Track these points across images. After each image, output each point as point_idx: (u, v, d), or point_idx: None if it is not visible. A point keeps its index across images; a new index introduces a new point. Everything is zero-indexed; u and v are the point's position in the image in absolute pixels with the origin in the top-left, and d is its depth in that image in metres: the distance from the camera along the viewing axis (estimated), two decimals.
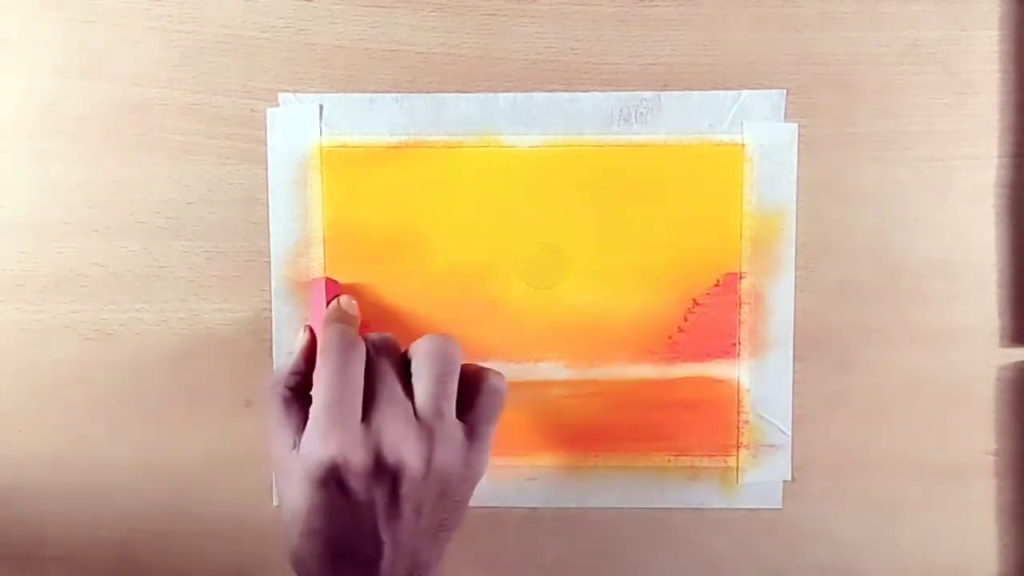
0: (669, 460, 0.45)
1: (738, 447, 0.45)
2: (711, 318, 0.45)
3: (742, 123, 0.44)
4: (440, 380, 0.37)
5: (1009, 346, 0.45)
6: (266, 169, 0.45)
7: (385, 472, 0.35)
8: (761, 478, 0.45)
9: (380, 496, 0.35)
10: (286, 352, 0.45)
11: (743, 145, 0.44)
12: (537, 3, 0.44)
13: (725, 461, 0.45)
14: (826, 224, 0.44)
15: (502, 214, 0.45)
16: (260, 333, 0.45)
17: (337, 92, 0.44)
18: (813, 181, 0.44)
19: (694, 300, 0.45)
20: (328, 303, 0.42)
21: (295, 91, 0.44)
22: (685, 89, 0.44)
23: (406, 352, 0.39)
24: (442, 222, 0.45)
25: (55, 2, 0.44)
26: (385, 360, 0.37)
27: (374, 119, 0.44)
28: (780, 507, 0.45)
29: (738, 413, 0.45)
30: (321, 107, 0.44)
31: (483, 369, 0.39)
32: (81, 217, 0.45)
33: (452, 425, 0.37)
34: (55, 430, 0.46)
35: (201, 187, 0.45)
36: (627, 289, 0.45)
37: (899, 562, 0.46)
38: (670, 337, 0.45)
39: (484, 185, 0.45)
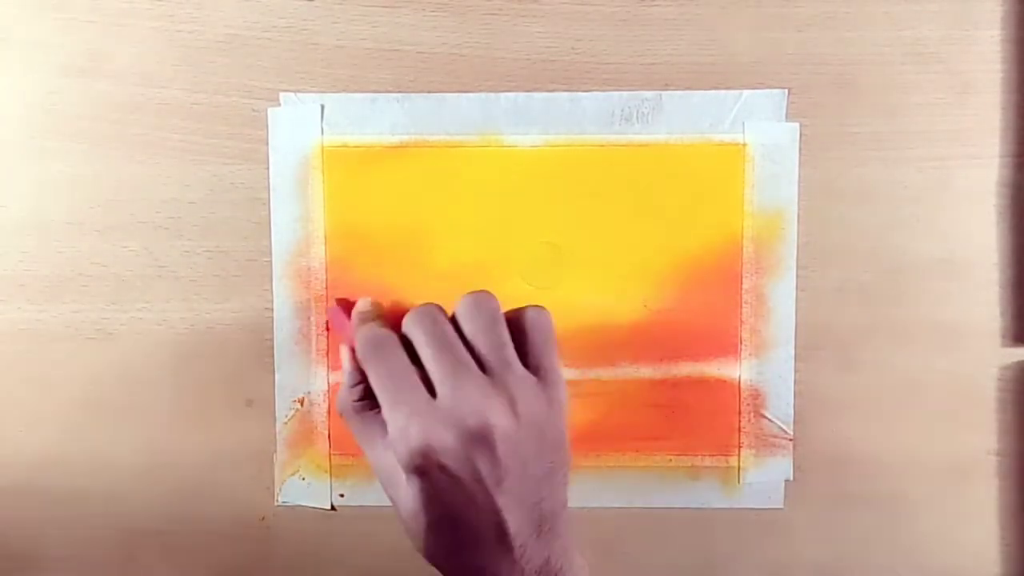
0: (670, 460, 0.45)
1: (739, 447, 0.45)
2: (712, 318, 0.45)
3: (743, 123, 0.44)
4: (492, 330, 0.36)
5: (1010, 346, 0.45)
6: (267, 169, 0.45)
7: (476, 439, 0.34)
8: (762, 478, 0.45)
9: (482, 464, 0.34)
10: (286, 354, 0.45)
11: (744, 145, 0.44)
12: (538, 3, 0.44)
13: (726, 461, 0.45)
14: (827, 224, 0.45)
15: (503, 214, 0.45)
16: (261, 333, 0.45)
17: (338, 92, 0.44)
18: (814, 181, 0.44)
19: (695, 300, 0.45)
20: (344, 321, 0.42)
21: (296, 91, 0.44)
22: (686, 89, 0.44)
23: (453, 317, 0.38)
24: (443, 221, 0.45)
25: (55, 2, 0.44)
26: (440, 326, 0.36)
27: (375, 119, 0.44)
28: (782, 507, 0.45)
29: (739, 413, 0.45)
30: (322, 107, 0.44)
31: (518, 309, 0.37)
32: (82, 217, 0.45)
33: (520, 371, 0.36)
34: (55, 430, 0.46)
35: (202, 187, 0.45)
36: (627, 289, 0.45)
37: (899, 562, 0.46)
38: (671, 337, 0.45)
39: (485, 185, 0.45)
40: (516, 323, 0.37)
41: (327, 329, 0.45)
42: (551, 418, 0.36)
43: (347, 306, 0.42)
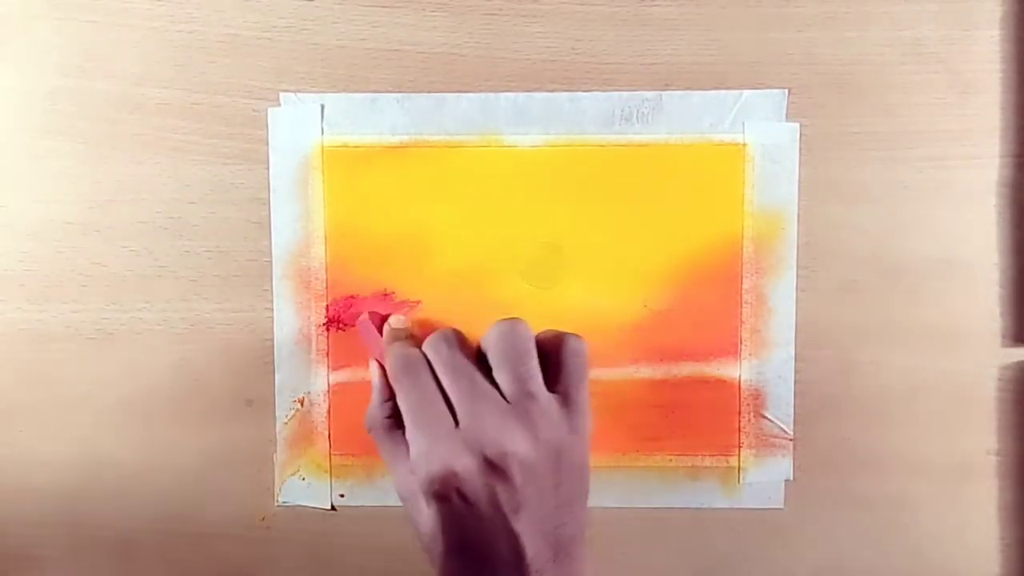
0: (670, 460, 0.45)
1: (739, 447, 0.45)
2: (712, 318, 0.45)
3: (743, 123, 0.44)
4: (521, 362, 0.36)
5: (1010, 346, 0.45)
6: (267, 169, 0.45)
7: (495, 467, 0.34)
8: (763, 478, 0.45)
9: (500, 491, 0.35)
10: (286, 354, 0.45)
11: (744, 145, 0.44)
12: (538, 3, 0.44)
13: (727, 461, 0.45)
14: (827, 224, 0.45)
15: (503, 214, 0.45)
16: (261, 333, 0.45)
17: (338, 92, 0.44)
18: (814, 181, 0.44)
19: (695, 300, 0.45)
20: (380, 331, 0.42)
21: (296, 91, 0.44)
22: (686, 89, 0.44)
23: (479, 345, 0.38)
24: (443, 222, 0.45)
25: (56, 2, 0.44)
26: (458, 356, 0.37)
27: (375, 119, 0.44)
28: (782, 507, 0.45)
29: (739, 413, 0.45)
30: (323, 107, 0.44)
31: (559, 335, 0.38)
32: (82, 217, 0.45)
33: (545, 400, 0.36)
34: (56, 430, 0.46)
35: (202, 187, 0.45)
36: (627, 289, 0.45)
37: (900, 562, 0.46)
38: (671, 337, 0.45)
39: (485, 185, 0.45)
40: (552, 347, 0.37)
41: (327, 328, 0.45)
42: (573, 446, 0.36)
43: (377, 319, 0.43)
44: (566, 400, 0.37)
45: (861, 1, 0.44)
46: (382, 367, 0.41)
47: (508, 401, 0.36)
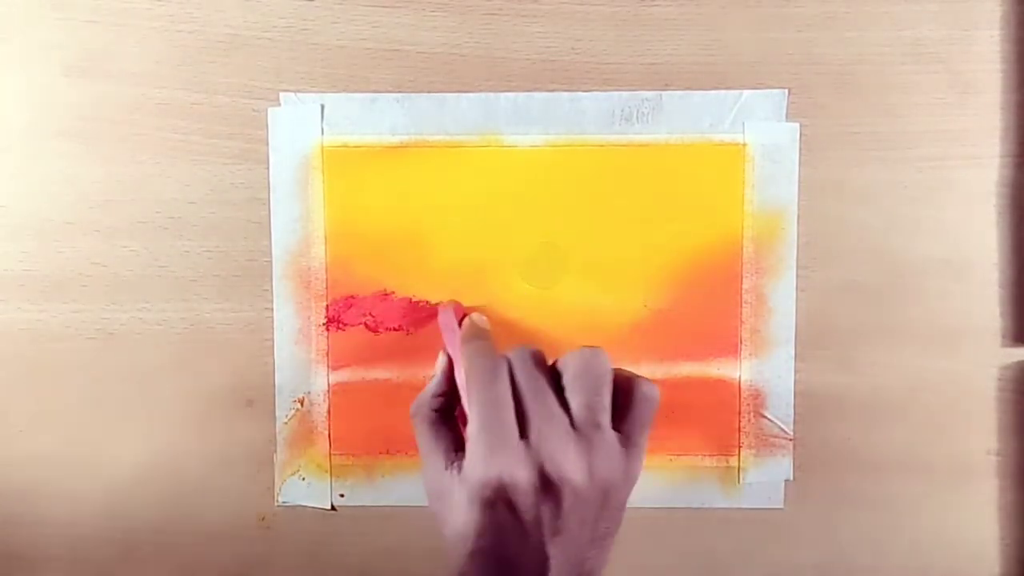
0: (670, 460, 0.45)
1: (739, 447, 0.45)
2: (712, 317, 0.45)
3: (743, 123, 0.44)
4: (596, 393, 0.36)
5: (1010, 346, 0.45)
6: (267, 169, 0.45)
7: (550, 489, 0.35)
8: (762, 478, 0.45)
9: (546, 512, 0.35)
10: (286, 354, 0.45)
11: (744, 145, 0.44)
12: (539, 3, 0.44)
13: (726, 461, 0.45)
14: (827, 224, 0.45)
15: (503, 214, 0.45)
16: (261, 333, 0.45)
17: (338, 92, 0.44)
18: (814, 181, 0.44)
19: (695, 300, 0.45)
20: (460, 324, 0.42)
21: (296, 91, 0.44)
22: (686, 89, 0.44)
23: (554, 364, 0.38)
24: (443, 221, 0.45)
25: (56, 2, 0.44)
26: (537, 374, 0.37)
27: (375, 119, 0.44)
28: (782, 507, 0.45)
29: (739, 413, 0.45)
30: (323, 107, 0.44)
31: (634, 377, 0.38)
32: (82, 217, 0.45)
33: (610, 436, 0.36)
34: (55, 430, 0.46)
35: (202, 187, 0.45)
36: (627, 289, 0.45)
37: (899, 562, 0.46)
38: (671, 337, 0.45)
39: (485, 185, 0.45)
40: (625, 388, 0.37)
41: (327, 328, 0.45)
42: (621, 487, 0.37)
43: (459, 311, 0.43)
44: (627, 441, 0.37)
45: (861, 1, 0.44)
46: (450, 360, 0.41)
47: (575, 427, 0.36)
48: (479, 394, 0.36)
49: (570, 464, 0.35)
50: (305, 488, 0.46)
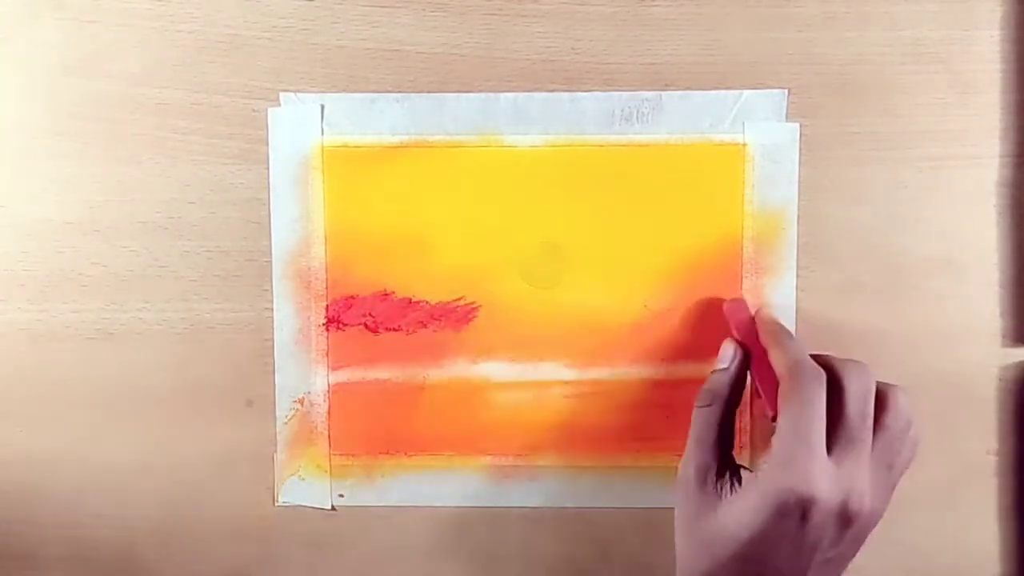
0: (670, 460, 0.45)
1: (740, 446, 0.45)
2: (712, 318, 0.45)
3: (743, 123, 0.44)
4: (902, 438, 0.37)
5: (1010, 346, 0.45)
6: (267, 169, 0.45)
7: (846, 514, 0.35)
8: None
9: (828, 537, 0.35)
10: (286, 354, 0.45)
11: (744, 145, 0.44)
12: (538, 3, 0.44)
13: None
14: (827, 224, 0.45)
15: (503, 214, 0.45)
16: (261, 333, 0.45)
17: (338, 92, 0.44)
18: (814, 181, 0.44)
19: (695, 300, 0.45)
20: (746, 318, 0.42)
21: (296, 91, 0.44)
22: (686, 89, 0.44)
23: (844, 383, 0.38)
24: (443, 222, 0.45)
25: (55, 2, 0.44)
26: (868, 401, 0.36)
27: (375, 119, 0.44)
28: None
29: (739, 413, 0.45)
30: (322, 107, 0.44)
31: (913, 420, 0.38)
32: (82, 217, 0.45)
33: (895, 477, 0.37)
34: (55, 430, 0.46)
35: (202, 187, 0.45)
36: (627, 289, 0.45)
37: (899, 562, 0.46)
38: (671, 337, 0.45)
39: (485, 185, 0.45)
40: (903, 433, 0.37)
41: (327, 328, 0.45)
42: (872, 524, 0.37)
43: (742, 305, 0.43)
44: (890, 480, 0.37)
45: (861, 1, 0.44)
46: (743, 352, 0.41)
47: (872, 460, 0.36)
48: (799, 405, 0.36)
49: (873, 500, 0.35)
50: (305, 488, 0.46)
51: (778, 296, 0.45)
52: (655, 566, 0.46)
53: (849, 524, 0.35)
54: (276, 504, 0.46)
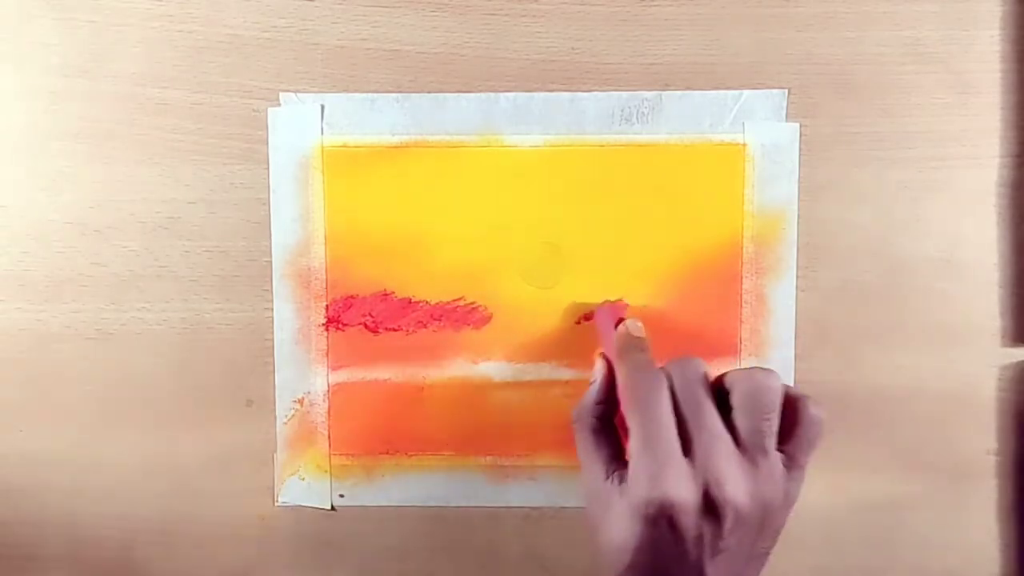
0: None
1: None
2: (712, 318, 0.45)
3: (743, 123, 0.44)
4: (765, 418, 0.36)
5: (1010, 346, 0.45)
6: (267, 169, 0.45)
7: (713, 510, 0.35)
8: None
9: (707, 532, 0.35)
10: (286, 354, 0.45)
11: (744, 145, 0.44)
12: (538, 3, 0.44)
13: None
14: (827, 224, 0.45)
15: (503, 214, 0.45)
16: (261, 333, 0.45)
17: (338, 92, 0.44)
18: (814, 181, 0.44)
19: (695, 300, 0.45)
20: (615, 327, 0.41)
21: (296, 91, 0.44)
22: (686, 89, 0.44)
23: (720, 379, 0.38)
24: (443, 222, 0.45)
25: (56, 2, 0.44)
26: (699, 391, 0.36)
27: (375, 119, 0.44)
28: None
29: None
30: (322, 107, 0.44)
31: (801, 398, 0.37)
32: (82, 217, 0.45)
33: (774, 459, 0.36)
34: (55, 430, 0.46)
35: (202, 187, 0.45)
36: (627, 289, 0.45)
37: (899, 562, 0.46)
38: (671, 337, 0.45)
39: (485, 185, 0.45)
40: (791, 408, 0.37)
41: (326, 328, 0.45)
42: (779, 510, 0.37)
43: (613, 311, 0.42)
44: (791, 463, 0.37)
45: (861, 1, 0.44)
46: (609, 365, 0.40)
47: (740, 448, 0.36)
48: (640, 412, 0.36)
49: (735, 487, 0.35)
50: (305, 488, 0.46)
51: (778, 296, 0.45)
52: None
53: (722, 515, 0.35)
54: (276, 504, 0.46)
